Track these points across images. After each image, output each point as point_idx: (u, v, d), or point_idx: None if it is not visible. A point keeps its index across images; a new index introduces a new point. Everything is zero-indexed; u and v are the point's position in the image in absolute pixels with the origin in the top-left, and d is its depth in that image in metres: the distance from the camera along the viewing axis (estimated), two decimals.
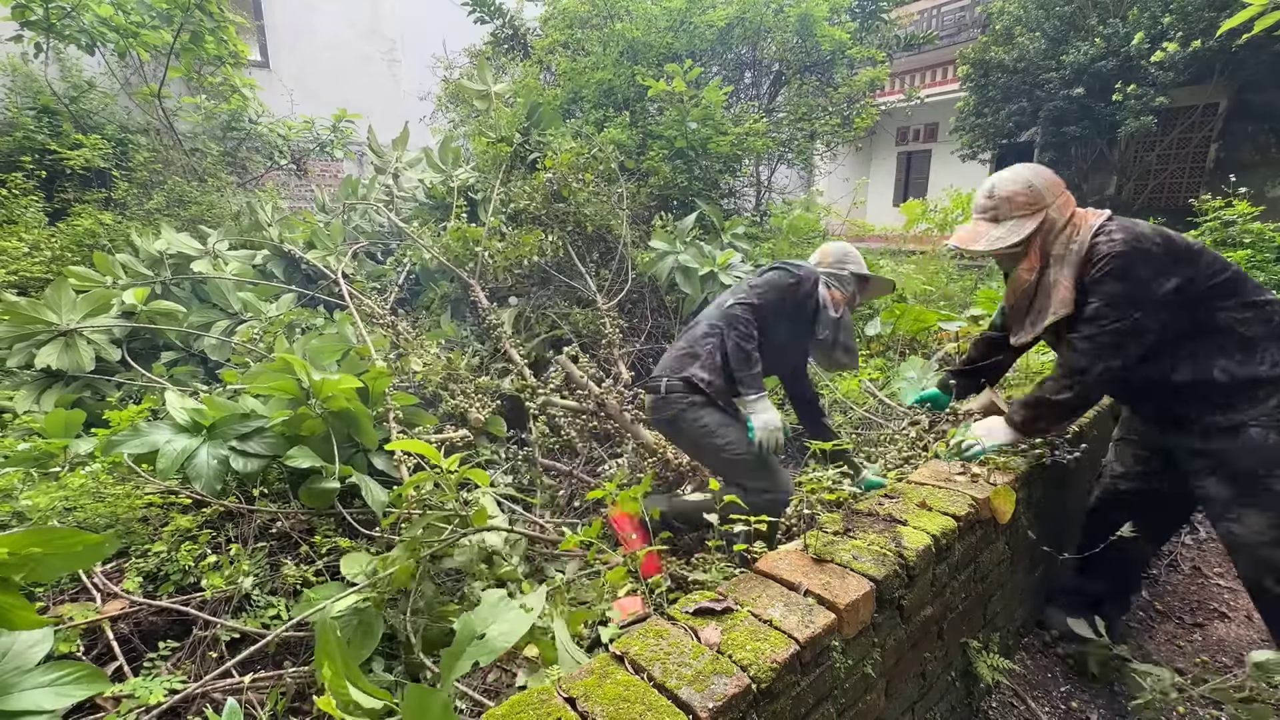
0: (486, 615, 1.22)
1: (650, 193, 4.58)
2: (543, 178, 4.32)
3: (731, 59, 5.75)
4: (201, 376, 3.38)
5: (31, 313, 3.01)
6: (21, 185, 4.71)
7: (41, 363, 2.94)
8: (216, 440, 2.18)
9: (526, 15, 6.73)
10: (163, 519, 2.09)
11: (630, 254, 4.21)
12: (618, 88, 5.05)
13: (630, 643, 1.14)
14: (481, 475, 1.95)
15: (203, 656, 1.82)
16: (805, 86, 5.83)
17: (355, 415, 2.36)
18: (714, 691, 1.00)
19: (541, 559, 2.40)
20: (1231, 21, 2.57)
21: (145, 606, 1.85)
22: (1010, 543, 1.87)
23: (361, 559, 1.91)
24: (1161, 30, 7.39)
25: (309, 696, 1.79)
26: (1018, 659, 2.02)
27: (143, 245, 3.86)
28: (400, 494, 2.08)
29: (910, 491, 1.74)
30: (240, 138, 6.48)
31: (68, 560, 1.14)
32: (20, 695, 1.20)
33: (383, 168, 5.48)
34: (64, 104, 5.64)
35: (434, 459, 1.81)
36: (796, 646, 1.12)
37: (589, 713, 0.98)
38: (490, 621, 1.21)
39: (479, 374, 3.56)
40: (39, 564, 1.11)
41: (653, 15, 5.05)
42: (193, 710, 1.63)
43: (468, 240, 4.24)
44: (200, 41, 5.53)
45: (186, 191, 5.02)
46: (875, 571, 1.34)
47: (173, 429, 2.15)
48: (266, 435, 2.24)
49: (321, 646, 1.05)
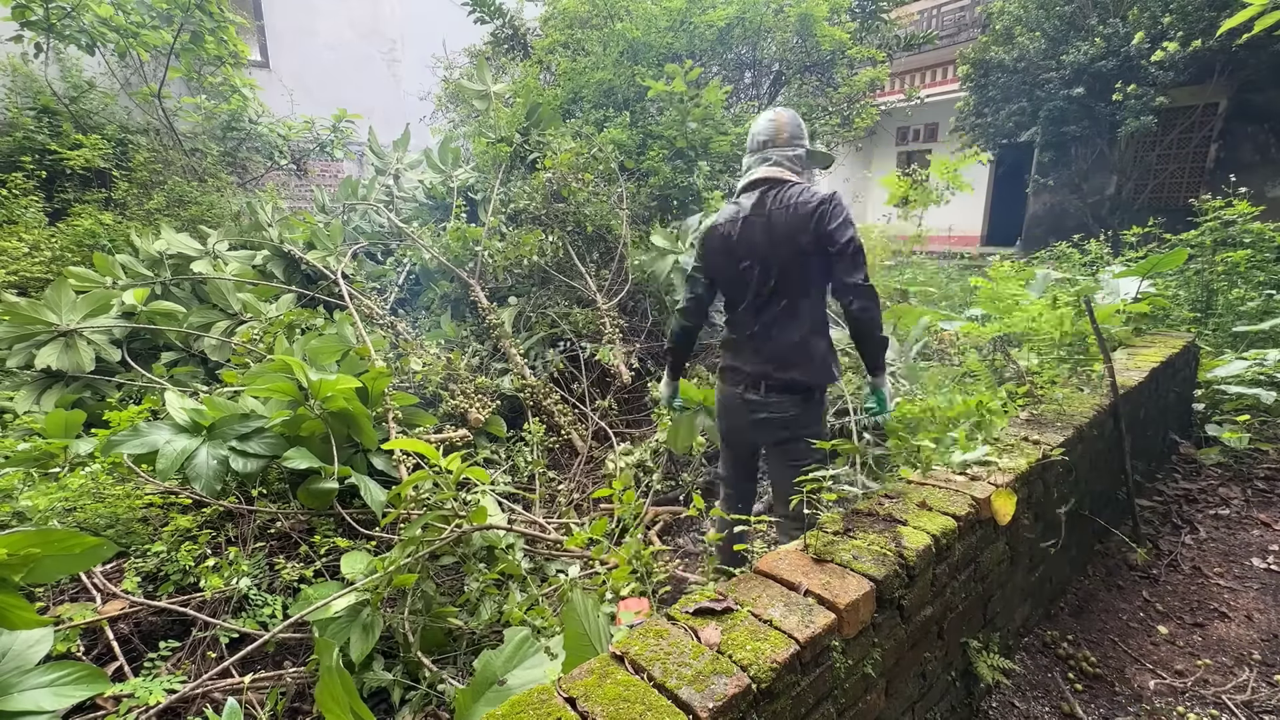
0: (510, 657, 1.19)
1: (650, 193, 4.58)
2: (542, 178, 4.31)
3: (731, 59, 5.75)
4: (201, 377, 3.38)
5: (31, 313, 3.01)
6: (22, 185, 4.71)
7: (42, 363, 2.95)
8: (216, 441, 2.18)
9: (526, 15, 6.73)
10: (162, 519, 2.08)
11: (630, 254, 4.21)
12: (618, 88, 5.05)
13: (630, 642, 1.14)
14: (481, 473, 1.95)
15: (203, 656, 1.82)
16: (805, 86, 5.83)
17: (354, 415, 2.36)
18: (714, 691, 1.00)
19: (542, 559, 2.40)
20: (1231, 21, 2.57)
21: (145, 607, 1.85)
22: (1010, 543, 1.87)
23: (360, 559, 1.91)
24: (1162, 30, 7.39)
25: (309, 696, 1.79)
26: (1018, 659, 2.02)
27: (143, 246, 3.86)
28: (399, 493, 2.08)
29: (910, 491, 1.74)
30: (240, 138, 6.48)
31: (67, 562, 1.14)
32: (20, 695, 1.20)
33: (383, 168, 5.48)
34: (64, 104, 5.64)
35: (433, 458, 1.81)
36: (796, 646, 1.12)
37: (589, 713, 0.97)
38: (513, 665, 1.17)
39: (478, 374, 3.56)
40: (38, 565, 1.11)
41: (653, 15, 5.05)
42: (193, 710, 1.63)
43: (467, 240, 4.24)
44: (200, 42, 5.54)
45: (186, 192, 5.02)
46: (875, 571, 1.34)
47: (172, 429, 2.15)
48: (266, 436, 2.24)
49: (327, 692, 1.02)
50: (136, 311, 3.39)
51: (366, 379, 2.51)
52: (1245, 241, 4.66)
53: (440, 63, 6.96)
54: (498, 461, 3.21)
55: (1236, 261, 4.50)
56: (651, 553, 2.04)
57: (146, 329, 3.41)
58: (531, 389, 3.47)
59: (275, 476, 2.36)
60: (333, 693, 1.02)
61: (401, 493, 2.05)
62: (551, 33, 5.73)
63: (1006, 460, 1.90)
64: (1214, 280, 4.61)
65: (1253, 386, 3.24)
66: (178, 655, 1.80)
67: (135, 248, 3.90)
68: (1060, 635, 2.15)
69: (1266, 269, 4.56)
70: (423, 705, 1.70)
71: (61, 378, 3.10)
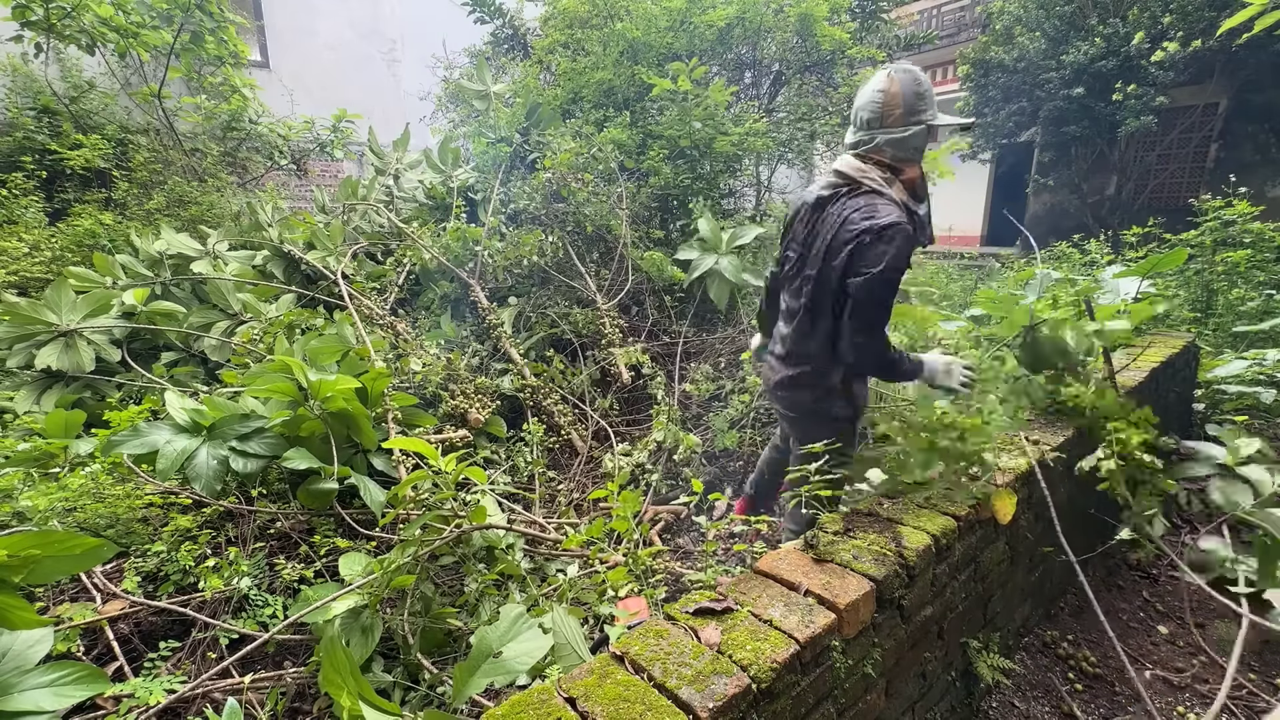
0: (505, 632, 1.20)
1: (650, 193, 4.58)
2: (542, 177, 4.31)
3: (731, 59, 5.74)
4: (202, 377, 3.38)
5: (31, 313, 3.01)
6: (22, 185, 4.71)
7: (42, 363, 2.95)
8: (216, 441, 2.18)
9: (526, 15, 6.73)
10: (162, 519, 2.09)
11: (629, 254, 4.21)
12: (618, 88, 5.05)
13: (630, 642, 1.14)
14: (479, 474, 1.95)
15: (202, 657, 1.82)
16: (805, 86, 5.83)
17: (354, 416, 2.36)
18: (714, 691, 1.00)
19: (542, 559, 2.40)
20: (1231, 21, 2.57)
21: (145, 607, 1.85)
22: (1011, 543, 1.87)
23: (358, 560, 1.91)
24: (1161, 30, 7.39)
25: (309, 696, 1.79)
26: (1018, 659, 2.02)
27: (143, 246, 3.86)
28: (397, 493, 2.08)
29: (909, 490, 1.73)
30: (240, 138, 6.48)
31: (67, 563, 1.14)
32: (20, 696, 1.20)
33: (383, 169, 5.48)
34: (64, 104, 5.64)
35: (432, 458, 1.81)
36: (797, 646, 1.12)
37: (589, 713, 0.97)
38: (508, 639, 1.19)
39: (478, 374, 3.56)
40: (38, 566, 1.11)
41: (653, 15, 5.05)
42: (193, 710, 1.63)
43: (467, 240, 4.23)
44: (200, 42, 5.53)
45: (187, 192, 5.02)
46: (875, 571, 1.34)
47: (173, 429, 2.15)
48: (266, 435, 2.24)
49: (329, 661, 1.03)
50: (137, 312, 3.39)
51: (366, 379, 2.51)
52: (1245, 241, 4.66)
53: (440, 63, 6.96)
54: (498, 461, 3.21)
55: (1236, 261, 4.50)
56: (651, 553, 2.04)
57: (146, 329, 3.41)
58: (532, 389, 3.46)
59: (275, 476, 2.36)
60: (336, 663, 1.02)
61: (400, 493, 2.05)
62: (551, 33, 5.73)
63: (1006, 460, 1.90)
64: (1214, 280, 4.61)
65: (1253, 386, 3.23)
66: (178, 655, 1.80)
67: (135, 248, 3.90)
68: (1060, 635, 2.15)
69: (1266, 269, 4.56)
70: (422, 705, 1.70)
71: (62, 378, 3.10)
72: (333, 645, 1.04)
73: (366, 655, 1.65)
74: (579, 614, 1.63)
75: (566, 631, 1.31)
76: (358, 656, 1.64)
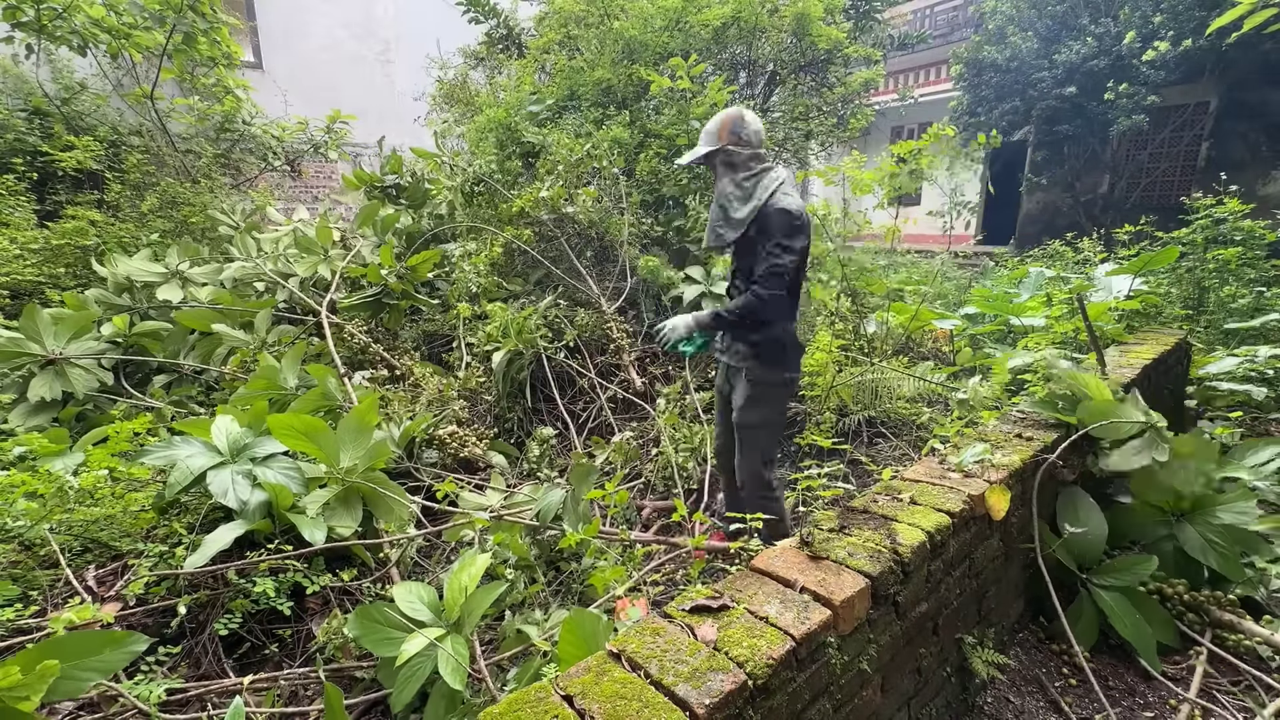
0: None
1: (647, 190, 4.59)
2: (539, 181, 4.31)
3: (727, 59, 5.75)
4: (199, 389, 3.41)
5: (14, 348, 2.99)
6: (13, 187, 4.68)
7: (35, 395, 2.94)
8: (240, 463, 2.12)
9: (521, 15, 6.73)
10: (162, 526, 2.08)
11: (627, 254, 4.21)
12: (615, 87, 5.05)
13: (627, 640, 1.14)
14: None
15: (201, 657, 1.82)
16: (800, 86, 5.85)
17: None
18: (711, 688, 1.01)
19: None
20: (1221, 20, 2.59)
21: (144, 608, 1.85)
22: (1005, 539, 1.88)
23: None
24: (1153, 29, 7.45)
25: (307, 699, 1.79)
26: (1012, 654, 2.03)
27: (108, 272, 3.80)
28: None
29: (905, 488, 1.75)
30: (234, 139, 6.45)
31: (93, 667, 1.05)
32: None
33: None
34: (56, 106, 5.60)
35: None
36: (792, 643, 1.13)
37: (587, 710, 0.98)
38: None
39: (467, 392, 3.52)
40: (62, 680, 1.01)
41: (649, 15, 5.05)
42: (192, 710, 1.63)
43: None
44: (193, 43, 5.50)
45: (180, 193, 5.00)
46: (870, 568, 1.35)
47: (207, 450, 2.11)
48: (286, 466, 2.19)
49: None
50: (123, 338, 3.39)
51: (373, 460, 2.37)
52: (1236, 239, 4.70)
53: (434, 63, 6.95)
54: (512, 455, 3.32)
55: (1228, 259, 4.53)
56: (645, 552, 2.05)
57: (134, 359, 3.42)
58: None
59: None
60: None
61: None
62: (547, 32, 5.72)
63: (1000, 456, 1.92)
64: (1205, 278, 4.65)
65: (1244, 383, 3.26)
66: (175, 659, 1.80)
67: (102, 277, 3.82)
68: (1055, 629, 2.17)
69: (1257, 266, 4.60)
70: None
71: (60, 406, 3.07)
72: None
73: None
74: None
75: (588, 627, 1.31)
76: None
